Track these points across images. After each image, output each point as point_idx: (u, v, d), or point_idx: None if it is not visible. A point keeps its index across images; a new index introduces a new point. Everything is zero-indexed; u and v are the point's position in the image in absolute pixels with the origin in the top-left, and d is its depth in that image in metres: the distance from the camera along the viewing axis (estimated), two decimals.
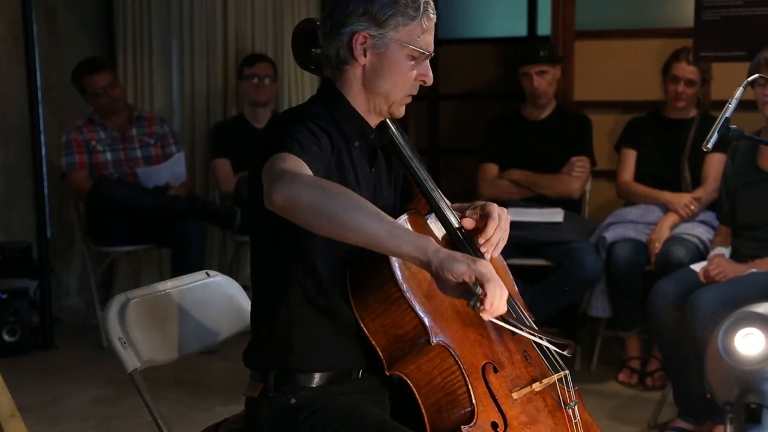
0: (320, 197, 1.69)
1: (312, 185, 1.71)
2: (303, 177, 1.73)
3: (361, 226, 1.68)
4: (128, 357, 2.12)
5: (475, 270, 1.69)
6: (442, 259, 1.68)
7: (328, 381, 1.96)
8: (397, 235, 1.69)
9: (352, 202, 1.70)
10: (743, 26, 4.22)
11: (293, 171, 1.74)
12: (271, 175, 1.75)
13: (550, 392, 2.01)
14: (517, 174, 4.57)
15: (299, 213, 1.71)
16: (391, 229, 1.69)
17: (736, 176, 3.69)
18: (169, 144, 5.08)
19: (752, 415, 1.83)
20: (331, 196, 1.69)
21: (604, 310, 4.28)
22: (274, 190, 1.72)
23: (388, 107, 1.99)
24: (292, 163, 1.76)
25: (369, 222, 1.68)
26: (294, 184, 1.70)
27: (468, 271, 1.68)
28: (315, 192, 1.69)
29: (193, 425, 2.47)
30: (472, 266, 1.69)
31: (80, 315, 5.29)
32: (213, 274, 2.41)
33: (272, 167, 1.76)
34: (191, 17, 5.43)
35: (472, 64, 6.33)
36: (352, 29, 1.93)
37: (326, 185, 1.73)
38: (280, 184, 1.71)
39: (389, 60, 1.94)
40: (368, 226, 1.68)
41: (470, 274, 1.68)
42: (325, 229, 1.72)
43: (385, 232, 1.69)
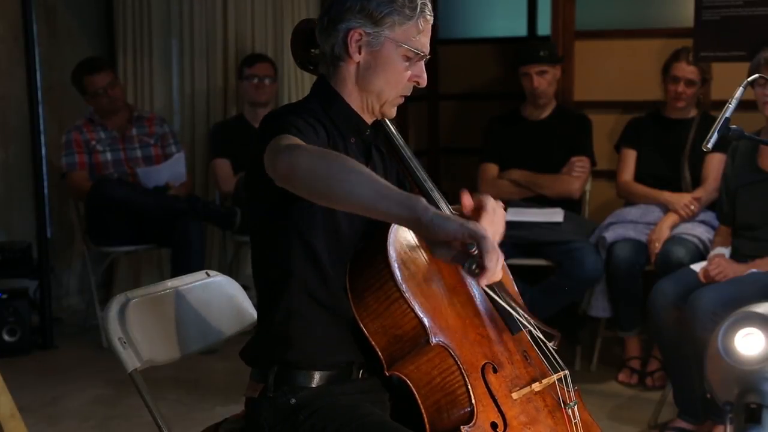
0: (317, 162, 1.68)
1: (311, 152, 1.71)
2: (304, 146, 1.74)
3: (352, 189, 1.64)
4: (128, 357, 2.12)
5: (468, 229, 1.60)
6: (431, 217, 1.60)
7: (328, 381, 1.96)
8: (386, 195, 1.63)
9: (345, 167, 1.67)
10: (743, 26, 4.22)
11: (296, 143, 1.75)
12: (274, 150, 1.74)
13: (550, 392, 2.01)
14: (517, 174, 4.57)
15: (298, 179, 1.69)
16: (380, 189, 1.64)
17: (736, 176, 3.69)
18: (169, 144, 5.08)
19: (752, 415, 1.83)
20: (327, 162, 1.68)
21: (604, 310, 4.28)
22: (277, 162, 1.72)
23: (380, 106, 2.00)
24: (293, 140, 1.77)
25: (360, 185, 1.64)
26: (294, 152, 1.70)
27: (460, 229, 1.60)
28: (313, 158, 1.69)
29: (193, 425, 2.48)
30: (465, 225, 1.61)
31: (80, 315, 5.29)
32: (213, 274, 2.41)
33: (275, 146, 1.76)
34: (191, 17, 5.43)
35: (472, 64, 6.33)
36: (348, 26, 1.93)
37: (324, 152, 1.72)
38: (282, 155, 1.71)
39: (383, 58, 1.95)
40: (358, 190, 1.64)
41: (462, 232, 1.60)
42: (321, 195, 1.70)
43: (374, 194, 1.63)
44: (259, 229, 2.00)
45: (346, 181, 1.65)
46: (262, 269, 2.01)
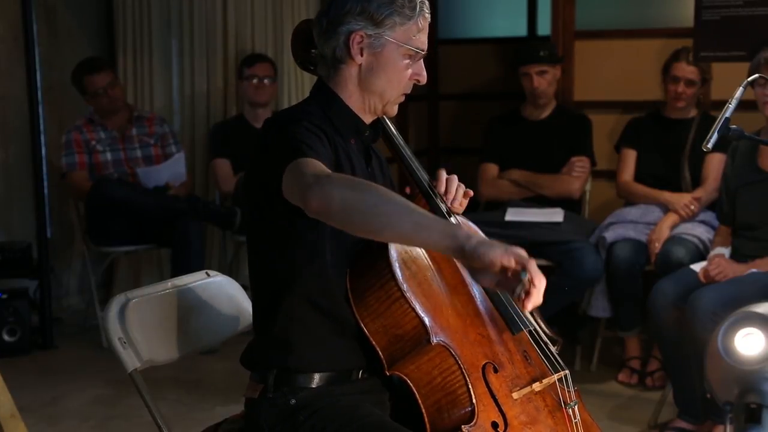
0: (351, 196, 1.68)
1: (343, 185, 1.70)
2: (336, 178, 1.72)
3: (391, 221, 1.67)
4: (128, 357, 2.12)
5: (515, 253, 1.65)
6: (475, 245, 1.63)
7: (328, 381, 1.96)
8: (426, 225, 1.66)
9: (381, 198, 1.68)
10: (743, 26, 4.22)
11: (326, 173, 1.74)
12: (302, 183, 1.73)
13: (550, 392, 2.01)
14: (517, 174, 4.57)
15: (334, 214, 1.70)
16: (419, 220, 1.66)
17: (736, 176, 3.69)
18: (169, 144, 5.08)
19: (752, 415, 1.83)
20: (361, 195, 1.69)
21: (604, 310, 4.28)
22: (309, 197, 1.71)
23: (382, 106, 2.00)
24: (317, 167, 1.76)
25: (398, 217, 1.66)
26: (326, 186, 1.69)
27: (506, 254, 1.64)
28: (346, 191, 1.68)
29: (193, 425, 2.48)
30: (510, 249, 1.65)
31: (80, 315, 5.29)
32: (213, 274, 2.41)
33: (299, 176, 1.75)
34: (191, 17, 5.43)
35: (472, 64, 6.33)
36: (349, 28, 1.93)
37: (356, 184, 1.72)
38: (313, 190, 1.70)
39: (385, 59, 1.95)
40: (397, 222, 1.66)
41: (508, 258, 1.64)
42: (358, 228, 1.71)
43: (413, 225, 1.66)
44: (259, 234, 1.99)
45: (384, 215, 1.67)
46: (261, 273, 2.01)
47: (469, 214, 2.18)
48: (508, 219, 4.38)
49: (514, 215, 4.40)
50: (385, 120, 2.08)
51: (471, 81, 6.33)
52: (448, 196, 2.06)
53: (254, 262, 2.02)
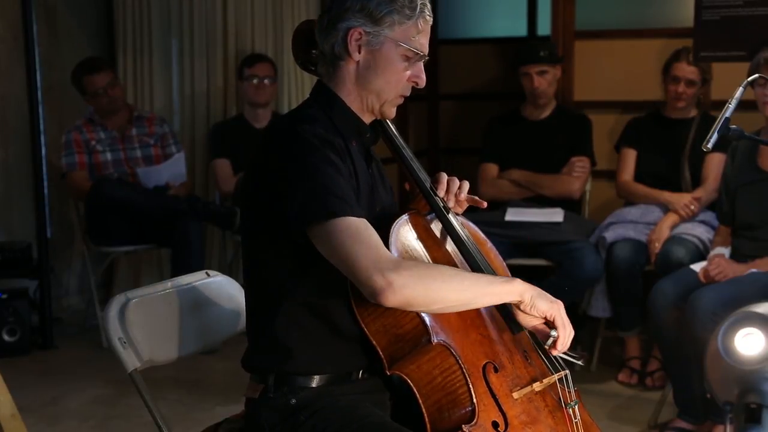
0: (430, 294, 1.80)
1: (416, 282, 1.78)
2: (405, 275, 1.77)
3: (468, 302, 1.86)
4: (128, 357, 2.12)
5: (556, 309, 1.93)
6: (533, 296, 1.91)
7: (329, 382, 1.96)
8: (489, 292, 1.88)
9: (453, 286, 1.83)
10: (743, 26, 4.22)
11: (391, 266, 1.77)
12: (365, 273, 1.77)
13: (551, 392, 2.01)
14: (517, 174, 4.57)
15: (413, 309, 1.84)
16: (483, 287, 1.88)
17: (736, 176, 3.69)
18: (169, 144, 5.08)
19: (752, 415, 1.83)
20: (438, 289, 1.81)
21: (604, 310, 4.28)
22: (387, 299, 1.77)
23: (379, 106, 2.00)
24: (366, 243, 1.79)
25: (472, 296, 1.86)
26: (405, 290, 1.77)
27: (550, 309, 1.91)
28: (426, 291, 1.80)
29: (193, 425, 2.48)
30: (553, 305, 1.93)
31: (80, 315, 5.29)
32: (213, 274, 2.41)
33: (354, 258, 1.78)
34: (191, 17, 5.43)
35: (472, 64, 6.33)
36: (348, 25, 1.93)
37: (426, 276, 1.81)
38: (391, 292, 1.76)
39: (383, 58, 1.95)
40: (474, 302, 1.88)
41: (551, 312, 1.91)
42: (436, 311, 1.87)
43: (488, 298, 1.89)
44: (255, 238, 1.98)
45: (462, 299, 1.85)
46: (257, 278, 2.00)
47: (469, 215, 2.18)
48: (508, 219, 4.38)
49: (515, 215, 4.40)
50: (385, 120, 2.08)
51: (471, 81, 6.33)
52: (448, 196, 2.06)
53: (250, 266, 2.02)
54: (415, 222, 1.99)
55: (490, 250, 2.14)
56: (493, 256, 2.13)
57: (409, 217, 1.98)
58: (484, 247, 2.10)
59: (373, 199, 2.01)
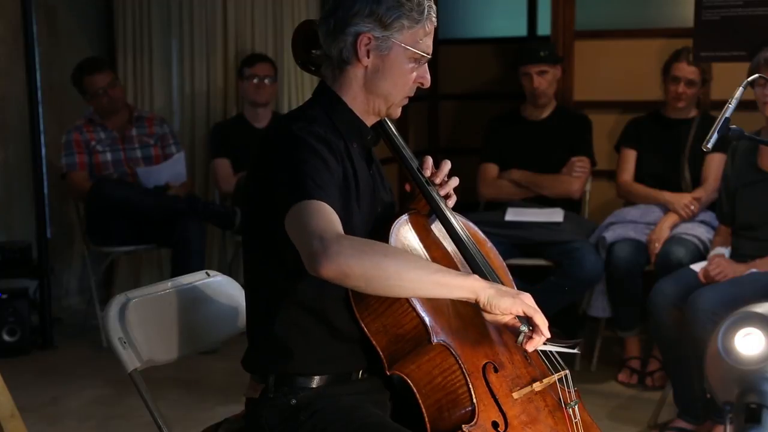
0: (368, 267, 1.73)
1: (358, 254, 1.72)
2: (346, 246, 1.72)
3: (411, 286, 1.77)
4: (128, 357, 2.12)
5: (521, 303, 1.81)
6: (489, 296, 1.79)
7: (329, 382, 1.96)
8: (445, 284, 1.78)
9: (397, 265, 1.75)
10: (743, 26, 4.22)
11: (333, 236, 1.73)
12: (309, 242, 1.74)
13: (550, 392, 2.01)
14: (517, 174, 4.57)
15: (349, 283, 1.76)
16: (437, 279, 1.78)
17: (736, 176, 3.69)
18: (169, 144, 5.08)
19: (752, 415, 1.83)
20: (377, 264, 1.73)
21: (604, 310, 4.28)
22: (320, 265, 1.72)
23: (386, 108, 2.01)
24: (321, 219, 1.76)
25: (417, 281, 1.76)
26: (341, 258, 1.71)
27: (514, 305, 1.81)
28: (363, 262, 1.72)
29: (193, 425, 2.48)
30: (517, 300, 1.81)
31: (80, 315, 5.28)
32: (213, 274, 2.41)
33: (305, 230, 1.75)
34: (191, 17, 5.43)
35: (472, 64, 6.34)
36: (357, 30, 1.93)
37: (370, 251, 1.75)
38: (325, 258, 1.71)
39: (391, 62, 1.95)
40: (418, 287, 1.78)
41: (517, 308, 1.81)
42: (377, 293, 1.80)
43: (433, 285, 1.78)
44: (255, 238, 1.99)
45: (404, 281, 1.75)
46: (257, 278, 2.00)
47: (469, 215, 2.18)
48: (508, 219, 4.38)
49: (514, 215, 4.40)
50: (386, 120, 2.08)
51: (471, 81, 6.33)
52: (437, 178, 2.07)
53: (250, 266, 2.02)
54: (414, 222, 1.99)
55: (490, 250, 2.14)
56: (493, 257, 2.13)
57: (408, 217, 1.98)
58: (484, 248, 2.10)
59: (374, 200, 2.01)
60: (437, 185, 2.06)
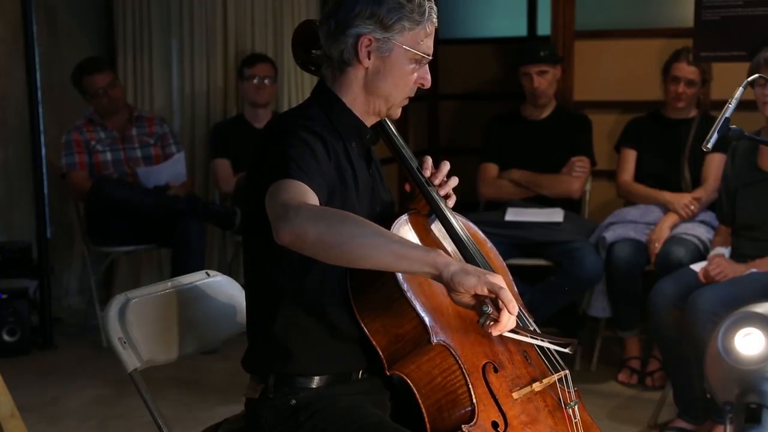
0: (324, 231, 1.68)
1: (315, 218, 1.70)
2: (304, 210, 1.71)
3: (369, 254, 1.69)
4: (128, 357, 2.12)
5: (486, 282, 1.69)
6: (453, 272, 1.69)
7: (329, 382, 1.96)
8: (405, 255, 1.69)
9: (355, 230, 1.69)
10: (743, 26, 4.22)
11: (295, 203, 1.72)
12: (274, 210, 1.74)
13: (550, 392, 2.01)
14: (517, 174, 4.57)
15: (308, 248, 1.71)
16: (397, 250, 1.69)
17: (736, 176, 3.69)
18: (169, 144, 5.08)
19: (752, 415, 1.83)
20: (334, 228, 1.69)
21: (604, 310, 4.28)
22: (279, 229, 1.71)
23: (387, 109, 2.01)
24: (292, 192, 1.75)
25: (376, 249, 1.69)
26: (297, 220, 1.69)
27: (479, 283, 1.69)
28: (319, 226, 1.69)
29: (194, 425, 2.48)
30: (482, 278, 1.69)
31: (80, 315, 5.28)
32: (213, 274, 2.41)
33: (274, 200, 1.75)
34: (191, 17, 5.43)
35: (472, 64, 6.33)
36: (358, 31, 1.93)
37: (329, 216, 1.72)
38: (284, 222, 1.70)
39: (392, 63, 1.95)
40: (375, 254, 1.69)
41: (482, 287, 1.69)
42: (334, 261, 1.72)
43: (392, 256, 1.69)
44: (255, 237, 1.99)
45: (362, 247, 1.68)
46: (257, 277, 2.00)
47: (469, 215, 2.18)
48: (508, 219, 4.38)
49: (514, 215, 4.40)
50: (386, 120, 2.08)
51: (471, 81, 6.33)
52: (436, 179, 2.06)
53: (250, 265, 2.02)
54: (414, 222, 1.99)
55: (489, 250, 2.14)
56: (493, 256, 2.13)
57: (408, 217, 1.98)
58: (484, 247, 2.11)
59: (373, 199, 2.02)
60: (437, 186, 2.06)
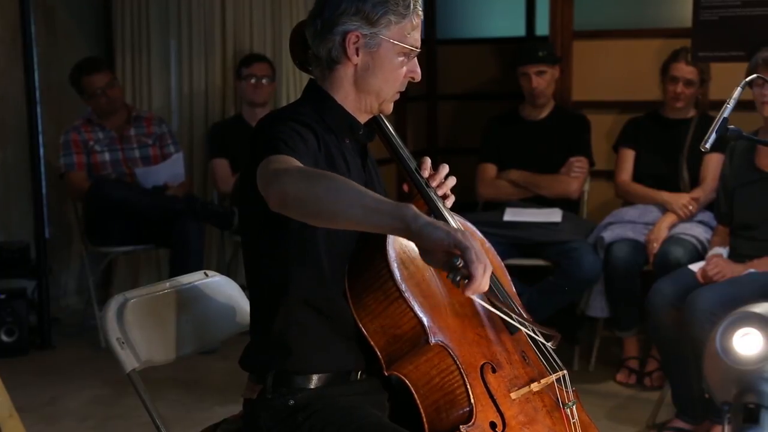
0: (304, 187, 1.69)
1: (298, 177, 1.71)
2: (289, 169, 1.73)
3: (343, 208, 1.66)
4: (126, 357, 2.12)
5: (454, 238, 1.60)
6: (421, 225, 1.61)
7: (327, 382, 1.96)
8: (375, 209, 1.65)
9: (330, 185, 1.68)
10: (741, 26, 4.23)
11: (283, 167, 1.74)
12: (263, 180, 1.76)
13: (548, 392, 2.01)
14: (515, 174, 4.57)
15: (290, 206, 1.71)
16: (369, 204, 1.65)
17: (734, 176, 3.70)
18: (167, 144, 5.08)
19: (750, 415, 1.83)
20: (312, 184, 1.69)
21: (603, 310, 4.28)
22: (268, 192, 1.73)
23: (378, 104, 2.01)
24: (281, 162, 1.77)
25: (349, 203, 1.66)
26: (281, 179, 1.71)
27: (447, 238, 1.60)
28: (299, 182, 1.70)
29: (192, 425, 2.48)
30: (451, 233, 1.61)
31: (78, 315, 5.28)
32: (211, 274, 2.41)
33: (264, 171, 1.76)
34: (189, 17, 5.43)
35: (471, 64, 6.33)
36: (345, 29, 1.94)
37: (309, 174, 1.72)
38: (271, 185, 1.72)
39: (381, 58, 1.96)
40: (348, 209, 1.66)
41: (449, 242, 1.60)
42: (313, 218, 1.71)
43: (363, 210, 1.65)
44: (253, 235, 1.99)
45: (336, 201, 1.66)
46: (257, 276, 2.00)
47: (467, 215, 2.18)
48: (506, 219, 4.38)
49: (513, 215, 4.40)
50: (383, 120, 2.09)
51: (469, 81, 6.33)
52: (434, 181, 2.06)
53: (250, 263, 2.03)
54: None
55: (488, 250, 2.14)
56: (492, 257, 2.13)
57: None
58: (483, 247, 2.09)
59: None
60: (435, 186, 2.06)
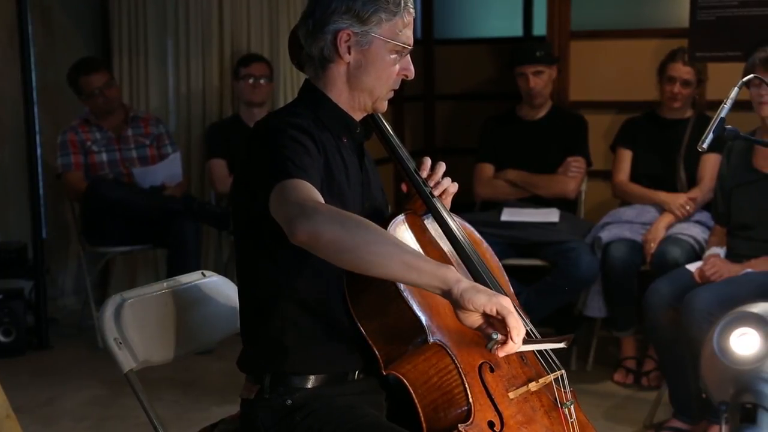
0: (340, 233, 1.70)
1: (332, 220, 1.71)
2: (322, 211, 1.72)
3: (381, 262, 1.70)
4: (124, 357, 2.12)
5: (496, 303, 1.70)
6: (463, 289, 1.70)
7: (324, 382, 1.96)
8: (416, 267, 1.70)
9: (369, 237, 1.71)
10: (738, 26, 4.23)
11: (311, 203, 1.74)
12: (289, 209, 1.75)
13: (546, 392, 2.01)
14: (512, 174, 4.57)
15: (322, 249, 1.72)
16: (409, 261, 1.70)
17: (732, 176, 3.70)
18: (164, 144, 5.08)
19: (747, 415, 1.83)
20: (350, 232, 1.70)
21: (600, 310, 4.29)
22: (296, 228, 1.72)
23: (372, 102, 2.01)
24: (302, 191, 1.76)
25: (389, 258, 1.70)
26: (315, 219, 1.70)
27: (489, 302, 1.70)
28: (335, 228, 1.70)
29: (189, 426, 2.48)
30: (493, 299, 1.70)
31: (76, 315, 5.27)
32: (209, 274, 2.41)
33: (285, 200, 1.76)
34: (187, 17, 5.42)
35: (468, 64, 6.34)
36: (336, 27, 1.94)
37: (346, 219, 1.73)
38: (301, 221, 1.71)
39: (373, 56, 1.96)
40: (388, 263, 1.70)
41: (491, 306, 1.70)
42: (346, 265, 1.75)
43: (403, 267, 1.70)
44: (247, 236, 1.99)
45: (375, 253, 1.70)
46: (251, 277, 2.00)
47: (464, 215, 2.19)
48: (503, 219, 4.39)
49: (510, 215, 4.40)
50: (381, 119, 2.09)
51: (467, 81, 6.33)
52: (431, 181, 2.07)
53: (244, 265, 2.02)
54: (411, 222, 1.99)
55: (486, 250, 2.14)
56: (489, 257, 2.13)
57: (405, 216, 1.99)
58: (480, 248, 2.11)
59: (362, 194, 2.02)
60: (432, 186, 2.06)
